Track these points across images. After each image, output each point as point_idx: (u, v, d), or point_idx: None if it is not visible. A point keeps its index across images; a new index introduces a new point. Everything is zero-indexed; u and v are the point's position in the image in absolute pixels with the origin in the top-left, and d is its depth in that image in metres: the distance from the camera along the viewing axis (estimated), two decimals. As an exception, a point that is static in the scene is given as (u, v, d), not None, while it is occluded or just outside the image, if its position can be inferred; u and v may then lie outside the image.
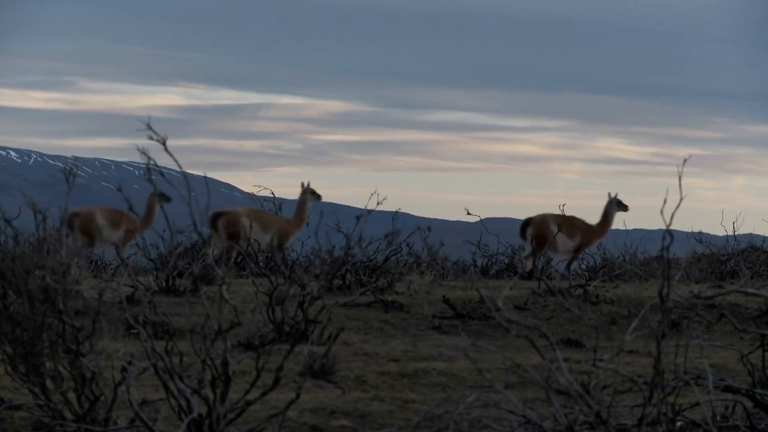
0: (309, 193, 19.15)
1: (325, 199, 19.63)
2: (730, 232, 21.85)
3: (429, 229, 21.66)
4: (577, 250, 19.23)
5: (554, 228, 18.89)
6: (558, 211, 19.48)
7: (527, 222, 19.14)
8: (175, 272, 15.19)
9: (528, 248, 19.09)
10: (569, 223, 19.14)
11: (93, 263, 20.26)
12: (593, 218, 19.39)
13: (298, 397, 7.17)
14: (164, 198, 19.13)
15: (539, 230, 18.93)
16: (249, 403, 7.12)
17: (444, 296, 14.01)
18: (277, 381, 7.13)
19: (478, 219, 20.97)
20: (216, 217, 18.55)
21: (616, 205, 19.33)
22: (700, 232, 22.89)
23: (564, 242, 19.03)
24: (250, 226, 18.50)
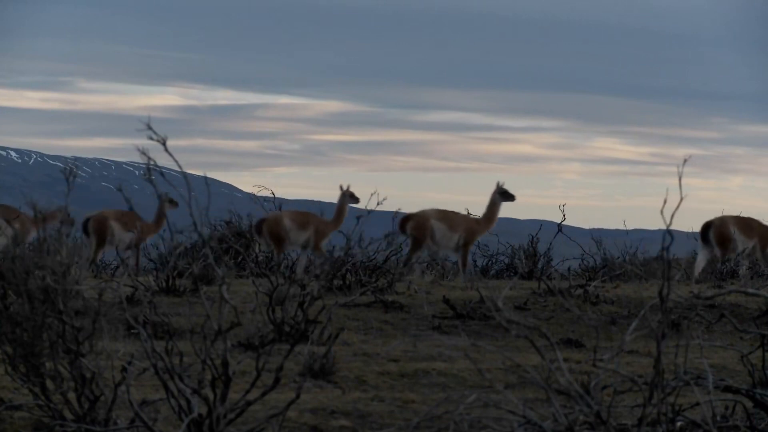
0: (499, 194, 19.10)
1: (323, 199, 19.74)
2: (730, 233, 21.83)
3: (429, 229, 21.63)
4: (762, 250, 19.38)
5: (733, 229, 19.05)
6: (737, 213, 19.61)
7: (708, 225, 19.21)
8: (175, 272, 15.20)
9: (706, 251, 19.16)
10: (746, 225, 19.28)
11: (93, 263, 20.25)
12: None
13: (298, 397, 7.17)
14: (354, 198, 19.32)
15: (721, 232, 19.03)
16: (249, 403, 7.12)
17: (444, 296, 14.01)
18: (277, 381, 7.13)
19: (477, 216, 20.95)
20: (405, 221, 18.70)
21: None
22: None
23: (743, 242, 19.16)
24: (437, 228, 18.65)
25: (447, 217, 18.71)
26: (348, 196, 19.22)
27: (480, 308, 13.63)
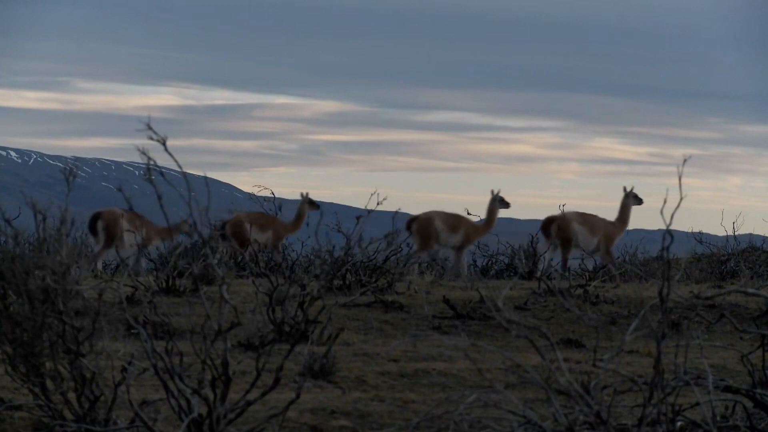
0: (632, 197, 19.44)
1: (323, 199, 19.80)
2: (730, 233, 21.86)
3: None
4: None
5: None
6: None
7: None
8: (175, 272, 15.20)
9: None
10: None
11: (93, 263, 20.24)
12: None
13: (298, 397, 7.17)
14: (504, 203, 19.52)
15: None
16: (249, 403, 7.12)
17: (444, 296, 14.00)
18: (277, 381, 7.13)
19: (478, 219, 20.99)
20: (548, 223, 18.95)
21: None
22: (700, 233, 22.92)
23: None
24: (579, 231, 18.90)
25: (587, 220, 19.07)
26: (498, 201, 19.43)
27: (480, 308, 13.63)
